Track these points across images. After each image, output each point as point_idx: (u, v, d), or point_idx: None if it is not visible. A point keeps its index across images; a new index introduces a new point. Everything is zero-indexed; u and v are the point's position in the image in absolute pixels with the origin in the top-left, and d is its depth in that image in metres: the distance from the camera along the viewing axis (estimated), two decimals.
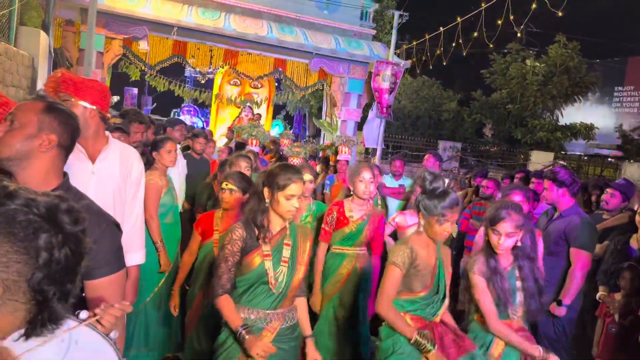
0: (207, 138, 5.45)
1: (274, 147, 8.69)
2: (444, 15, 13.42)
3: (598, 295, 3.61)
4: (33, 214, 0.90)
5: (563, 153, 19.63)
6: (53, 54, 7.91)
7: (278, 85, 16.95)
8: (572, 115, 21.08)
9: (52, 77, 2.44)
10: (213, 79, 15.82)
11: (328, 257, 3.72)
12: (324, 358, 2.99)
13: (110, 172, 2.51)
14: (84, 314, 1.13)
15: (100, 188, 2.40)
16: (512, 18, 10.69)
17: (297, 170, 2.38)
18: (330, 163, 7.62)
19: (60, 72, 2.40)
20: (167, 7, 10.50)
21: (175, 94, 16.24)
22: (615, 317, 3.38)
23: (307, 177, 3.93)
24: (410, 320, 2.47)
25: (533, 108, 19.23)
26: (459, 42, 12.35)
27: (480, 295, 2.59)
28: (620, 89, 28.56)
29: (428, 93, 21.96)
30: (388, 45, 12.68)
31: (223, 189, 3.26)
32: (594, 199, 4.82)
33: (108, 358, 1.09)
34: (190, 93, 17.00)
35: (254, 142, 7.47)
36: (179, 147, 4.90)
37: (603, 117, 26.78)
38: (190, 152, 5.22)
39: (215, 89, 15.47)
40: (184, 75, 21.39)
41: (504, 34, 11.99)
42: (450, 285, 2.70)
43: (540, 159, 15.98)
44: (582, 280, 3.49)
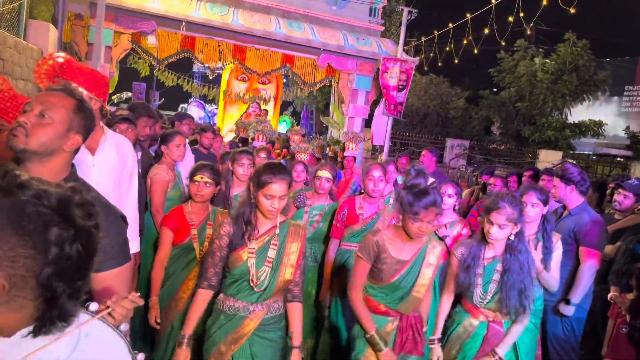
0: (214, 133, 5.44)
1: (282, 143, 8.67)
2: (453, 13, 13.34)
3: (610, 296, 3.57)
4: (43, 206, 0.86)
5: (572, 152, 19.47)
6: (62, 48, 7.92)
7: (286, 82, 16.92)
8: (581, 115, 20.90)
9: (48, 60, 2.38)
10: (221, 75, 15.83)
11: (337, 253, 3.72)
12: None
13: (109, 163, 2.52)
14: (94, 306, 1.11)
15: (101, 180, 2.40)
16: (522, 15, 10.61)
17: (281, 171, 2.32)
18: (338, 159, 7.59)
19: (63, 57, 2.38)
20: (175, 2, 10.50)
21: (184, 90, 16.28)
22: (627, 317, 3.34)
23: (325, 174, 3.91)
24: (368, 304, 2.58)
25: (542, 106, 19.08)
26: (469, 39, 12.27)
27: (450, 275, 2.81)
28: (631, 88, 28.28)
29: (436, 90, 21.86)
30: (397, 42, 12.62)
31: (197, 182, 3.14)
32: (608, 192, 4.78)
33: (119, 350, 1.07)
34: (199, 88, 17.03)
35: (261, 137, 7.44)
36: (187, 141, 4.89)
37: (613, 116, 26.57)
38: (198, 146, 5.21)
39: (223, 85, 15.48)
40: (192, 71, 21.44)
41: (512, 32, 11.89)
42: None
43: (549, 158, 15.86)
44: (591, 279, 3.45)
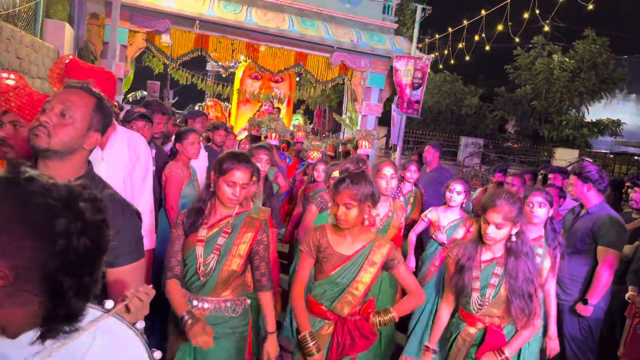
0: (227, 130, 5.45)
1: (292, 141, 8.67)
2: (467, 10, 13.22)
3: (627, 295, 3.50)
4: (51, 198, 0.85)
5: (588, 150, 19.21)
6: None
7: (299, 80, 16.92)
8: (598, 113, 20.61)
9: (58, 62, 2.44)
10: (234, 73, 15.88)
11: None
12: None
13: (120, 158, 2.53)
14: (110, 304, 1.10)
15: (111, 174, 2.41)
16: (537, 12, 10.49)
17: (244, 159, 2.34)
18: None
19: (68, 57, 2.41)
20: (189, 0, 10.56)
21: (198, 88, 16.36)
22: None
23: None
24: (310, 305, 2.48)
25: (559, 104, 18.85)
26: (482, 36, 12.15)
27: (447, 279, 2.67)
28: None
29: (450, 88, 21.71)
30: (410, 39, 12.55)
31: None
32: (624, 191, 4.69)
33: (136, 348, 1.07)
34: (212, 87, 17.10)
35: (274, 135, 7.44)
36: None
37: (631, 114, 26.15)
38: (210, 144, 5.23)
39: (237, 84, 15.53)
40: (206, 69, 21.54)
41: (528, 29, 11.75)
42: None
43: (565, 156, 15.68)
44: (609, 280, 3.39)
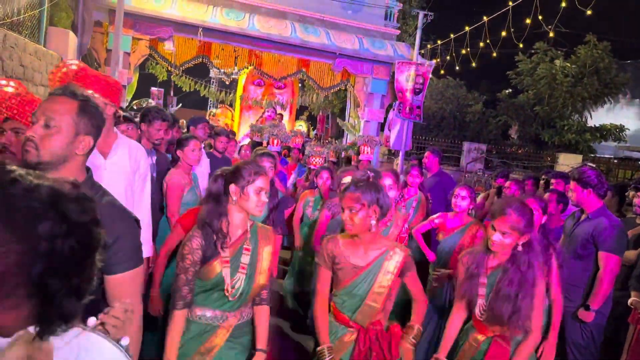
0: (228, 137, 5.47)
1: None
2: (469, 16, 13.25)
3: (630, 301, 3.49)
4: (34, 200, 0.84)
5: (592, 155, 19.16)
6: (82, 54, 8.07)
7: (302, 87, 16.97)
8: (601, 118, 20.57)
9: (62, 68, 2.43)
10: (237, 80, 15.95)
11: None
12: None
13: (122, 167, 2.54)
14: (92, 321, 1.10)
15: (113, 183, 2.41)
16: (541, 18, 10.49)
17: (259, 165, 2.34)
18: (352, 163, 7.58)
19: (77, 65, 2.42)
20: (192, 7, 10.62)
21: (201, 95, 16.44)
22: None
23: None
24: (334, 311, 2.50)
25: (561, 109, 18.84)
26: (485, 42, 12.16)
27: (457, 287, 2.66)
28: None
29: (453, 94, 21.72)
30: (412, 46, 12.58)
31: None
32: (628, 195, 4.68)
33: None
34: (215, 94, 17.17)
35: (275, 141, 7.45)
36: (203, 145, 4.93)
37: (634, 119, 26.09)
38: (212, 150, 5.25)
39: (240, 90, 15.59)
40: (209, 76, 21.64)
41: (530, 34, 11.76)
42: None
43: (568, 161, 15.63)
44: (610, 285, 3.37)
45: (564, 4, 9.80)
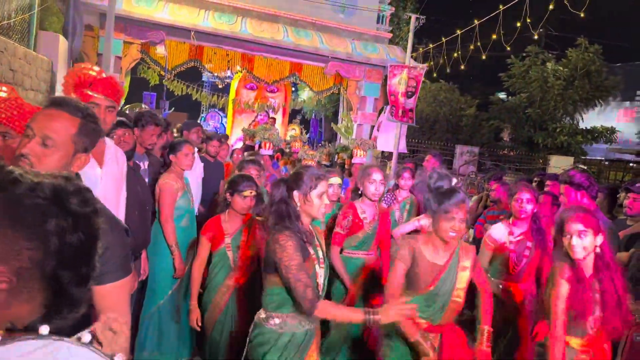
0: (220, 141, 5.44)
1: (288, 150, 8.67)
2: (461, 19, 13.32)
3: None
4: (39, 198, 0.87)
5: (583, 157, 19.29)
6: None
7: (295, 90, 16.96)
8: (592, 120, 20.72)
9: (79, 72, 2.36)
10: (230, 84, 15.92)
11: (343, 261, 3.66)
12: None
13: (114, 174, 2.51)
14: (87, 337, 1.10)
15: (108, 191, 2.40)
16: (529, 21, 10.55)
17: (319, 170, 2.42)
18: (345, 166, 7.57)
19: (97, 72, 2.37)
20: (184, 11, 10.60)
21: (193, 98, 16.38)
22: None
23: (336, 180, 3.92)
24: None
25: (553, 112, 18.96)
26: (477, 45, 12.22)
27: (556, 301, 2.38)
28: None
29: (446, 97, 21.81)
30: (405, 49, 12.62)
31: (247, 196, 3.22)
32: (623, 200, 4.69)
33: None
34: (208, 97, 17.13)
35: (267, 145, 7.42)
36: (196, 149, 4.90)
37: (624, 121, 26.28)
38: (204, 154, 5.22)
39: (232, 94, 15.56)
40: (202, 80, 21.61)
41: (523, 37, 11.83)
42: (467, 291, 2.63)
43: (560, 163, 15.71)
44: None
45: (552, 7, 9.86)
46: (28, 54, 5.74)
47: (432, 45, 14.67)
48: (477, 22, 11.31)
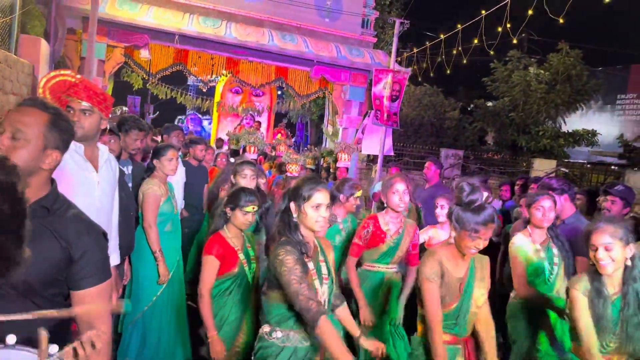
0: (206, 145, 5.42)
1: (273, 154, 8.67)
2: (445, 24, 13.44)
3: None
4: None
5: (566, 160, 19.54)
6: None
7: (281, 94, 16.94)
8: (575, 123, 21.01)
9: (55, 77, 2.38)
10: (215, 87, 15.85)
11: (361, 275, 3.53)
12: None
13: (109, 179, 2.53)
14: (54, 348, 1.13)
15: (104, 196, 2.43)
16: (509, 26, 10.67)
17: (318, 181, 2.30)
18: (331, 170, 7.58)
19: (74, 77, 2.40)
20: (168, 15, 10.54)
21: (178, 102, 16.29)
22: None
23: (358, 193, 3.92)
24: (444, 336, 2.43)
25: (536, 116, 19.20)
26: (459, 49, 12.33)
27: (580, 313, 2.38)
28: (623, 97, 28.45)
29: (430, 101, 21.95)
30: (389, 53, 12.69)
31: (249, 212, 3.00)
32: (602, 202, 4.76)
33: None
34: (192, 101, 17.03)
35: (252, 149, 7.41)
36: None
37: (606, 125, 26.71)
38: (188, 158, 5.19)
39: (217, 97, 15.51)
40: (187, 84, 21.49)
41: (507, 42, 11.96)
42: None
43: (543, 167, 15.88)
44: None
45: (532, 12, 10.00)
46: (9, 58, 5.66)
47: (416, 50, 14.78)
48: (460, 27, 11.42)
